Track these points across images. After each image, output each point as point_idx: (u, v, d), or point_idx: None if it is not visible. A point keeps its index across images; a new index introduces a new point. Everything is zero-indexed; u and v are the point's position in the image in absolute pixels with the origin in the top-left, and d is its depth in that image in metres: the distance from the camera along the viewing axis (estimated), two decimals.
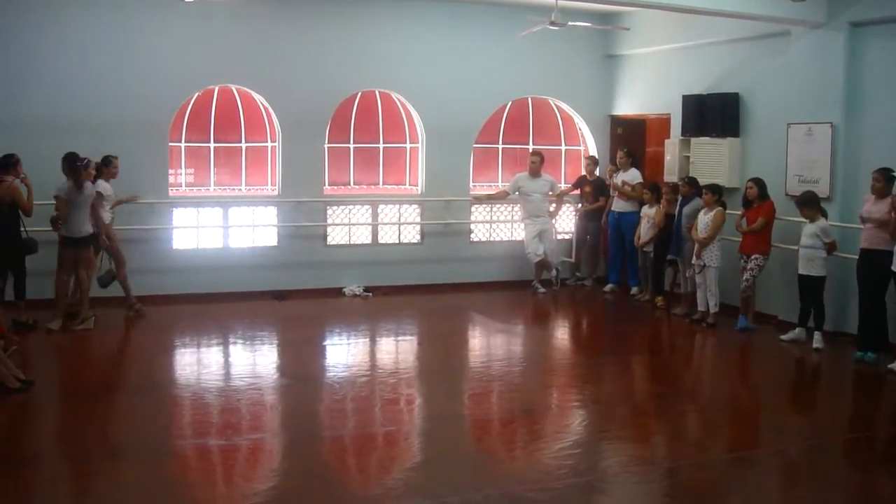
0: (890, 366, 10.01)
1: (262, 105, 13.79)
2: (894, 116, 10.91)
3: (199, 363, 10.73)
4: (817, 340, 11.10)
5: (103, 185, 11.68)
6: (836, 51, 11.39)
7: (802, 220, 11.15)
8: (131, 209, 12.63)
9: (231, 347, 11.28)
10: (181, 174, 13.69)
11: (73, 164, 11.13)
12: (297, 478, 7.14)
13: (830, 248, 10.99)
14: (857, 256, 10.63)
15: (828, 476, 7.48)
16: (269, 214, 13.84)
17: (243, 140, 13.94)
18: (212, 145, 13.75)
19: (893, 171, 9.99)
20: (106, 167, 11.81)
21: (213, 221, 13.57)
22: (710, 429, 8.76)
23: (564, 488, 6.95)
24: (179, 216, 13.34)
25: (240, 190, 14.00)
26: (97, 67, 12.56)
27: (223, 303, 12.67)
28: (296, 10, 13.53)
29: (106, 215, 11.73)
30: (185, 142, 13.59)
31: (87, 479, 7.01)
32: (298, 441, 8.00)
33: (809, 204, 11.06)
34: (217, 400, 9.08)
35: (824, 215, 11.06)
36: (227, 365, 10.64)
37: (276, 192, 13.82)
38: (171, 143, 13.30)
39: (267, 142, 13.98)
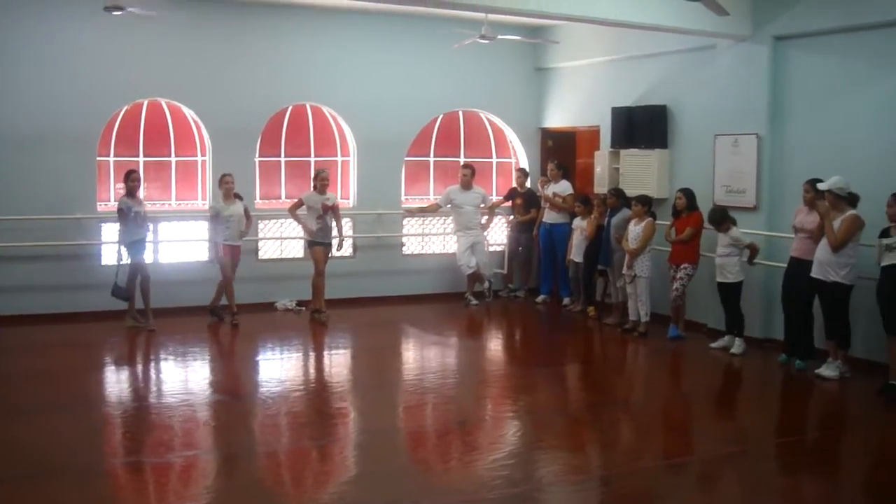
0: (817, 371, 10.22)
1: (192, 119, 13.67)
2: (817, 127, 11.15)
3: (130, 380, 10.55)
4: (737, 346, 11.32)
5: None
6: (760, 64, 11.62)
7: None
8: (57, 224, 12.47)
9: (163, 364, 11.13)
10: (110, 189, 13.48)
11: None
12: (232, 494, 7.07)
13: (752, 250, 11.24)
14: (784, 265, 10.83)
15: (759, 481, 7.58)
16: (201, 229, 13.68)
17: (173, 154, 13.80)
18: (141, 159, 13.57)
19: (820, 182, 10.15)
20: None
21: None
22: (644, 437, 8.84)
23: (499, 499, 6.96)
24: (108, 231, 13.11)
25: (170, 204, 13.84)
26: (21, 79, 12.37)
27: (154, 319, 12.46)
28: (225, 24, 13.46)
29: None
30: (115, 156, 13.41)
31: (17, 501, 6.86)
32: (232, 457, 7.93)
33: (722, 219, 11.35)
34: (149, 417, 8.95)
35: (734, 223, 11.32)
36: (160, 382, 10.51)
37: (206, 207, 13.67)
38: (99, 158, 13.12)
39: (197, 156, 13.86)
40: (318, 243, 12.98)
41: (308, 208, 12.95)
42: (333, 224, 13.06)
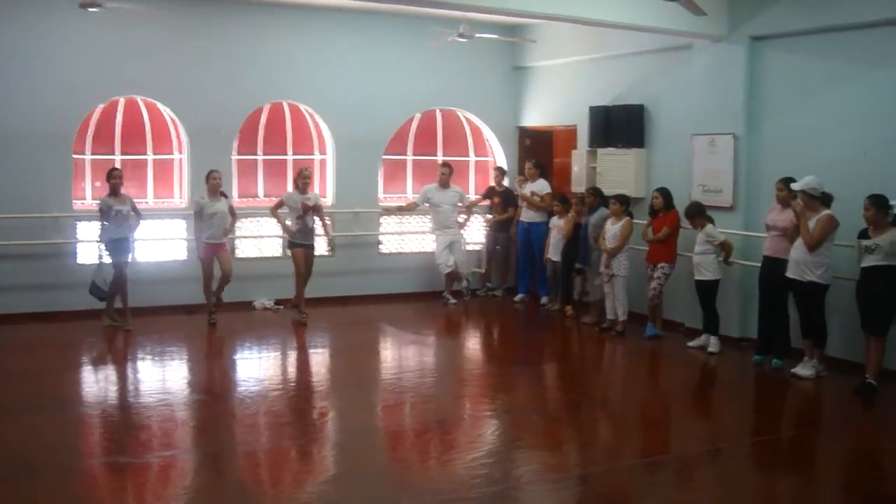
0: (793, 370, 10.29)
1: (169, 117, 13.62)
2: (793, 127, 11.22)
3: (108, 380, 10.53)
4: (713, 345, 11.40)
5: None
6: (737, 64, 11.68)
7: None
8: (36, 223, 12.42)
9: (140, 363, 11.09)
10: (86, 187, 13.41)
11: None
12: (210, 494, 7.06)
13: (726, 248, 11.31)
14: (759, 264, 10.89)
15: (736, 479, 7.63)
16: (178, 227, 13.63)
17: (150, 152, 13.74)
18: (118, 157, 13.51)
19: (793, 181, 10.23)
20: None
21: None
22: (622, 435, 8.88)
23: (478, 498, 6.98)
24: (84, 230, 13.04)
25: (147, 203, 13.77)
26: None
27: (132, 318, 12.40)
28: (201, 21, 13.41)
29: None
30: (91, 154, 13.34)
31: None
32: (211, 457, 7.92)
33: (698, 214, 11.45)
34: (127, 417, 8.92)
35: (711, 221, 11.40)
36: (137, 381, 10.45)
37: (183, 205, 13.63)
38: (75, 156, 13.05)
39: (174, 154, 13.80)
40: (297, 245, 12.88)
41: (289, 208, 12.87)
42: (314, 224, 12.97)
